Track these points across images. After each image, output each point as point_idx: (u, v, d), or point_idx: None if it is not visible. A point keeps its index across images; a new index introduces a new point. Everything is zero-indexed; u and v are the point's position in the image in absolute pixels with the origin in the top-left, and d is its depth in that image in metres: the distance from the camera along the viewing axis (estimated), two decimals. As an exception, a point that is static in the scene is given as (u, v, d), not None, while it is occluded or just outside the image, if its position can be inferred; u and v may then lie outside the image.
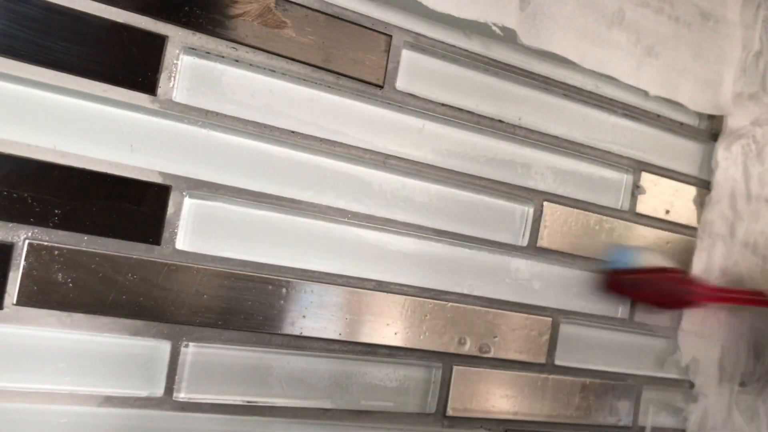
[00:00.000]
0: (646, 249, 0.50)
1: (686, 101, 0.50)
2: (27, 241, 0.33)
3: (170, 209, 0.36)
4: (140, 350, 0.36)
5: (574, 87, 0.48)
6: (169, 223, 0.36)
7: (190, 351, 0.37)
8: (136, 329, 0.36)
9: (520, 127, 0.46)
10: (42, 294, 0.34)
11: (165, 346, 0.37)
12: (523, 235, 0.47)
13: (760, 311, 0.56)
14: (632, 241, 0.51)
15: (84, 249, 0.34)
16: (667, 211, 0.53)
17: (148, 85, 0.35)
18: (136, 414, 0.36)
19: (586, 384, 0.50)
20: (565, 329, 0.49)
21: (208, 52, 0.37)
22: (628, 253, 0.49)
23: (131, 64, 0.35)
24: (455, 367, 0.45)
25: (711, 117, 0.54)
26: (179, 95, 0.36)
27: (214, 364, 0.38)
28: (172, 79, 0.36)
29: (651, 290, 0.48)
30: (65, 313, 0.34)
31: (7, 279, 0.33)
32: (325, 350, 0.41)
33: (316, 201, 0.40)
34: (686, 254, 0.54)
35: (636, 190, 0.51)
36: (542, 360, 0.48)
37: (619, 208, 0.51)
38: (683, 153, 0.53)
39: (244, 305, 0.38)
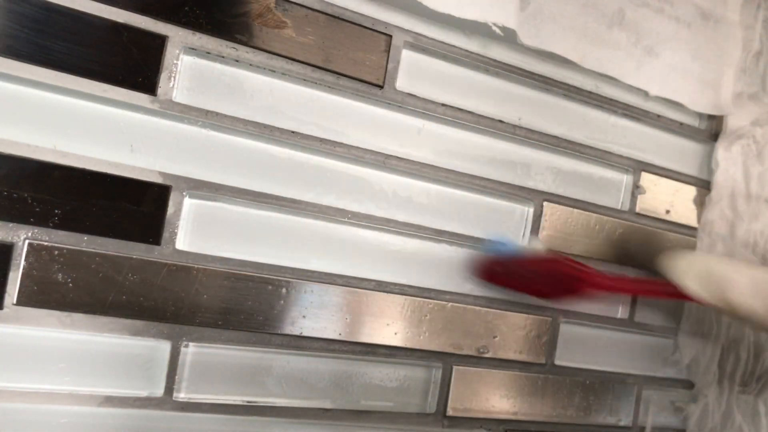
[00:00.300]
0: (534, 238, 0.45)
1: (686, 101, 0.50)
2: (27, 241, 0.33)
3: (170, 209, 0.36)
4: (140, 350, 0.36)
5: (574, 87, 0.48)
6: (169, 223, 0.36)
7: (190, 351, 0.37)
8: (136, 329, 0.36)
9: (520, 127, 0.46)
10: (42, 294, 0.34)
11: (165, 346, 0.37)
12: (523, 235, 0.47)
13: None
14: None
15: (84, 249, 0.34)
16: (667, 211, 0.53)
17: (148, 85, 0.35)
18: (136, 414, 0.36)
19: (586, 384, 0.50)
20: (565, 329, 0.49)
21: (208, 52, 0.37)
22: (510, 241, 0.44)
23: (131, 64, 0.35)
24: (455, 367, 0.45)
25: (711, 117, 0.54)
26: (179, 95, 0.36)
27: (214, 364, 0.38)
28: (172, 79, 0.36)
29: (532, 278, 0.42)
30: (65, 313, 0.34)
31: (7, 279, 0.33)
32: (325, 350, 0.41)
33: (317, 201, 0.40)
34: (686, 254, 0.54)
35: (636, 190, 0.51)
36: (542, 360, 0.48)
37: (619, 208, 0.51)
38: (683, 153, 0.54)
39: (244, 305, 0.38)
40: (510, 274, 0.42)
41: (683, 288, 0.40)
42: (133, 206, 0.35)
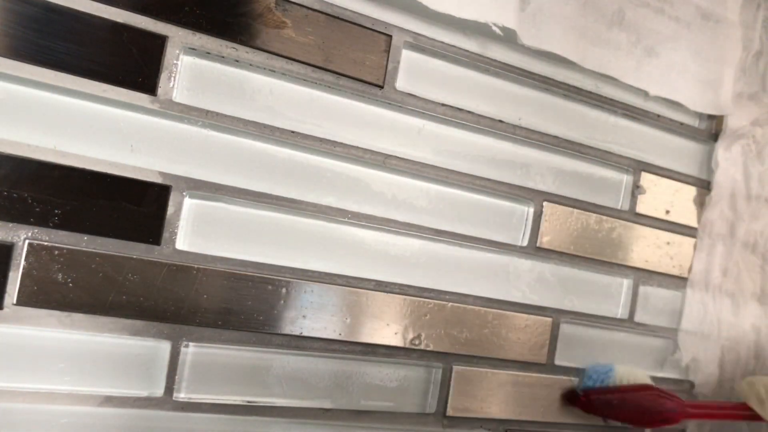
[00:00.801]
0: (621, 366, 0.49)
1: (686, 101, 0.50)
2: (27, 241, 0.33)
3: (170, 209, 0.36)
4: (140, 350, 0.36)
5: (574, 87, 0.48)
6: (169, 223, 0.36)
7: (190, 351, 0.37)
8: (136, 329, 0.36)
9: (520, 127, 0.46)
10: (42, 294, 0.34)
11: (165, 346, 0.37)
12: (523, 235, 0.47)
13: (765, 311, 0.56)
14: (632, 242, 0.51)
15: (84, 249, 0.34)
16: (667, 211, 0.53)
17: (148, 85, 0.35)
18: (136, 414, 0.36)
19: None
20: (565, 329, 0.49)
21: (208, 52, 0.37)
22: (603, 370, 0.48)
23: (131, 64, 0.35)
24: (455, 367, 0.45)
25: (711, 117, 0.54)
26: (179, 95, 0.36)
27: (214, 364, 0.38)
28: (172, 79, 0.36)
29: (627, 409, 0.46)
30: (65, 313, 0.34)
31: (7, 279, 0.33)
32: (325, 350, 0.41)
33: (316, 201, 0.40)
34: (686, 254, 0.54)
35: (636, 190, 0.51)
36: (542, 360, 0.48)
37: (619, 208, 0.51)
38: (683, 153, 0.54)
39: (244, 305, 0.38)
40: (608, 406, 0.46)
41: (758, 411, 0.46)
42: (133, 206, 0.35)
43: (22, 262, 0.33)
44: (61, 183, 0.34)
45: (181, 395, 0.37)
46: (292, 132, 0.39)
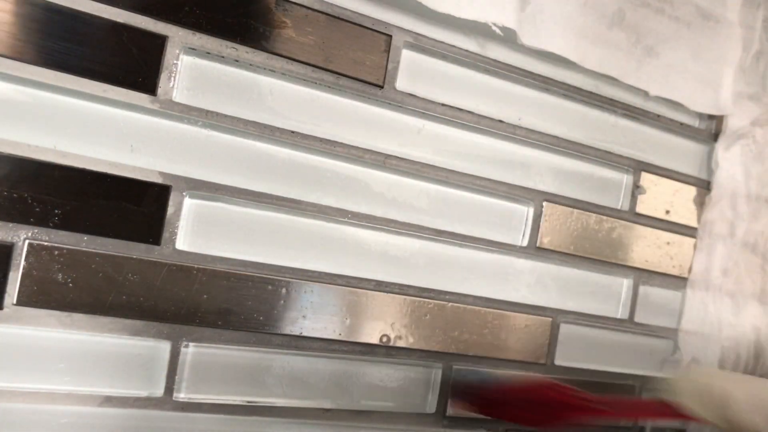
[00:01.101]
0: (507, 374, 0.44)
1: (686, 101, 0.50)
2: (27, 241, 0.33)
3: (170, 209, 0.36)
4: (140, 350, 0.36)
5: (574, 87, 0.48)
6: (169, 223, 0.36)
7: (190, 351, 0.37)
8: (136, 329, 0.36)
9: (520, 127, 0.46)
10: (42, 294, 0.34)
11: (165, 346, 0.37)
12: (523, 235, 0.47)
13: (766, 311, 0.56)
14: (632, 242, 0.51)
15: (84, 249, 0.34)
16: (667, 211, 0.53)
17: (148, 85, 0.35)
18: (136, 414, 0.36)
19: (586, 384, 0.50)
20: (565, 329, 0.49)
21: (208, 52, 0.37)
22: (490, 374, 0.43)
23: (131, 64, 0.35)
24: (455, 367, 0.45)
25: (711, 117, 0.54)
26: (179, 95, 0.36)
27: (214, 364, 0.38)
28: (172, 79, 0.36)
29: (517, 406, 0.40)
30: (65, 313, 0.34)
31: (7, 279, 0.33)
32: (325, 350, 0.41)
33: (316, 201, 0.40)
34: (686, 254, 0.54)
35: (636, 190, 0.51)
36: (542, 360, 0.48)
37: (619, 208, 0.51)
38: (683, 153, 0.53)
39: (244, 305, 0.38)
40: (495, 403, 0.41)
41: (682, 407, 0.39)
42: (133, 206, 0.35)
43: (22, 262, 0.33)
44: (61, 183, 0.34)
45: (181, 395, 0.37)
46: (292, 132, 0.39)
